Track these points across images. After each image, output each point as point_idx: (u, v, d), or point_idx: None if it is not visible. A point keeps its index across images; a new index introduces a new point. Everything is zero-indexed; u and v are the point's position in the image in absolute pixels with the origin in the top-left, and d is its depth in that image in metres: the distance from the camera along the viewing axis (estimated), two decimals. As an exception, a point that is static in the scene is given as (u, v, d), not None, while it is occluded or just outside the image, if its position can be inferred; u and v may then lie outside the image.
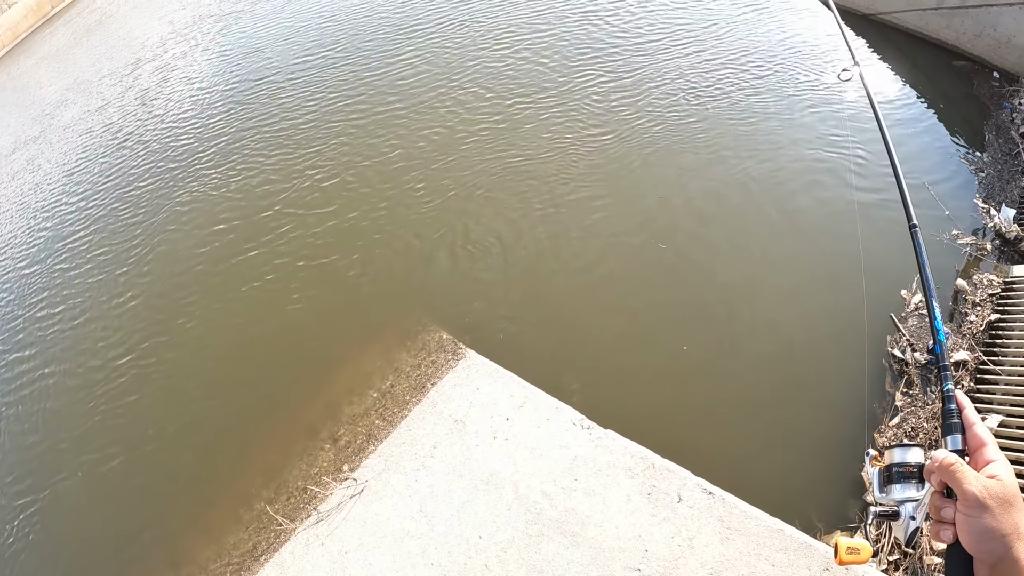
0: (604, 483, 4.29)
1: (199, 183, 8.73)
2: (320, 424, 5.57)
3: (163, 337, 6.83)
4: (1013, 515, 1.03)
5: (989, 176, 6.48)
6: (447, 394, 5.22)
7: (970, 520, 1.05)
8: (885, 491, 1.29)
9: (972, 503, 1.05)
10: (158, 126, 10.45)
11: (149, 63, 12.95)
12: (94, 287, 7.86)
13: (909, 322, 5.31)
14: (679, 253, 6.24)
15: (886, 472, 1.30)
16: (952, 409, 1.26)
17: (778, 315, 5.57)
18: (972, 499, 1.05)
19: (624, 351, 5.64)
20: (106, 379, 6.60)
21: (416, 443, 4.95)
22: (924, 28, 8.42)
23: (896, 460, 1.28)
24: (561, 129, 7.84)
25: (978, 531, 1.04)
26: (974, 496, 1.05)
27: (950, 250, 5.79)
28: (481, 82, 8.92)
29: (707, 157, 7.13)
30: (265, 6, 13.53)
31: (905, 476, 1.26)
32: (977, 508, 1.05)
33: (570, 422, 4.74)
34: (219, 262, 7.47)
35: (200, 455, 5.78)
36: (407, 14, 11.08)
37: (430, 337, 5.89)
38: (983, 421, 1.22)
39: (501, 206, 7.06)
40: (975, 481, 1.07)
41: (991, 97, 7.41)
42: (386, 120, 8.84)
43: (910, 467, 1.26)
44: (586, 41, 9.26)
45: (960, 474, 1.09)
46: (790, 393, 5.08)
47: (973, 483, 1.07)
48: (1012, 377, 4.72)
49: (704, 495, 4.08)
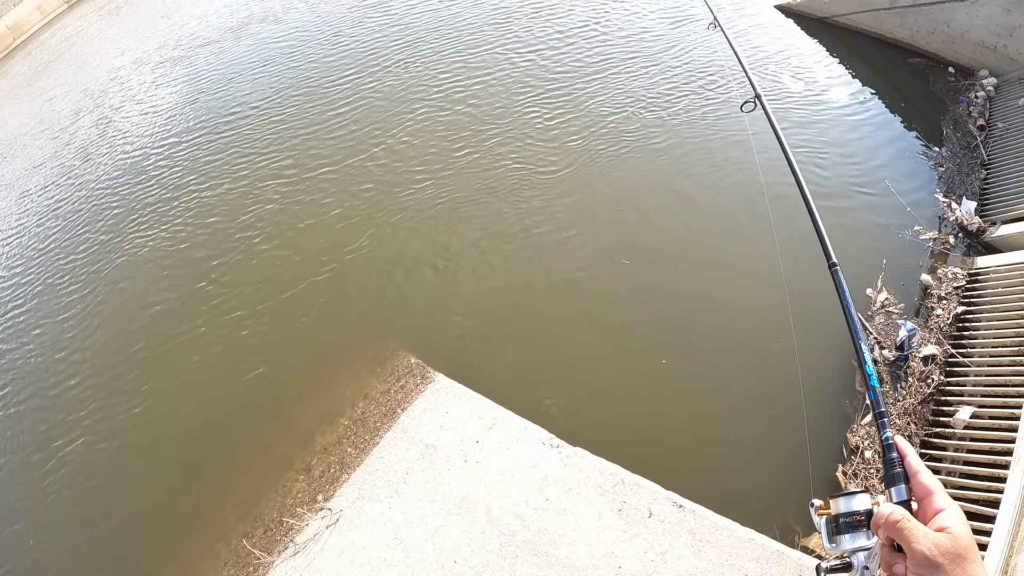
0: (575, 501, 4.25)
1: (135, 248, 8.36)
2: (293, 454, 5.47)
3: (130, 377, 6.69)
4: (967, 568, 0.98)
5: (949, 170, 6.53)
6: (417, 419, 5.16)
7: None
8: (835, 542, 1.22)
9: (922, 562, 1.00)
10: (93, 188, 10.04)
11: (89, 114, 12.70)
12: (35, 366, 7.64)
13: (876, 320, 5.32)
14: (643, 268, 6.25)
15: (833, 523, 1.23)
16: (894, 458, 1.21)
17: (743, 322, 5.57)
18: (922, 558, 1.00)
19: (590, 368, 5.61)
20: (81, 421, 6.44)
21: (388, 470, 4.87)
22: (878, 28, 8.52)
23: (843, 510, 1.22)
24: (514, 158, 7.89)
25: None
26: (923, 555, 1.00)
27: (913, 246, 5.82)
28: (415, 130, 8.86)
29: (656, 169, 7.21)
30: (202, 52, 13.45)
31: (853, 526, 1.19)
32: (928, 568, 0.99)
33: (539, 442, 4.70)
34: (178, 310, 7.34)
35: (176, 491, 5.64)
36: (338, 59, 11.06)
37: (399, 362, 5.82)
38: (958, 414, 1.16)
39: (464, 232, 7.05)
40: (923, 539, 1.01)
41: (947, 92, 7.50)
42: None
43: (858, 515, 1.20)
44: (522, 79, 9.31)
45: (907, 531, 1.04)
46: (759, 398, 5.06)
47: (921, 541, 1.01)
48: (981, 368, 4.73)
49: (675, 509, 4.05)
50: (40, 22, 23.39)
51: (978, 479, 4.10)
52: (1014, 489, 3.85)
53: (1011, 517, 3.73)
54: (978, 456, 4.23)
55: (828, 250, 1.96)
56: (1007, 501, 3.81)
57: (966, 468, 4.21)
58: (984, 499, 3.96)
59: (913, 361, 4.95)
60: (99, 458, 6.03)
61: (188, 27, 15.19)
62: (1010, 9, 7.00)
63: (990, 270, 5.39)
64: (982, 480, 4.07)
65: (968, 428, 4.43)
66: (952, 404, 4.65)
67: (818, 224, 2.09)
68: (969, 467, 4.21)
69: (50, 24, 23.25)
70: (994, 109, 7.07)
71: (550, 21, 10.38)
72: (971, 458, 4.26)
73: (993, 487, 3.96)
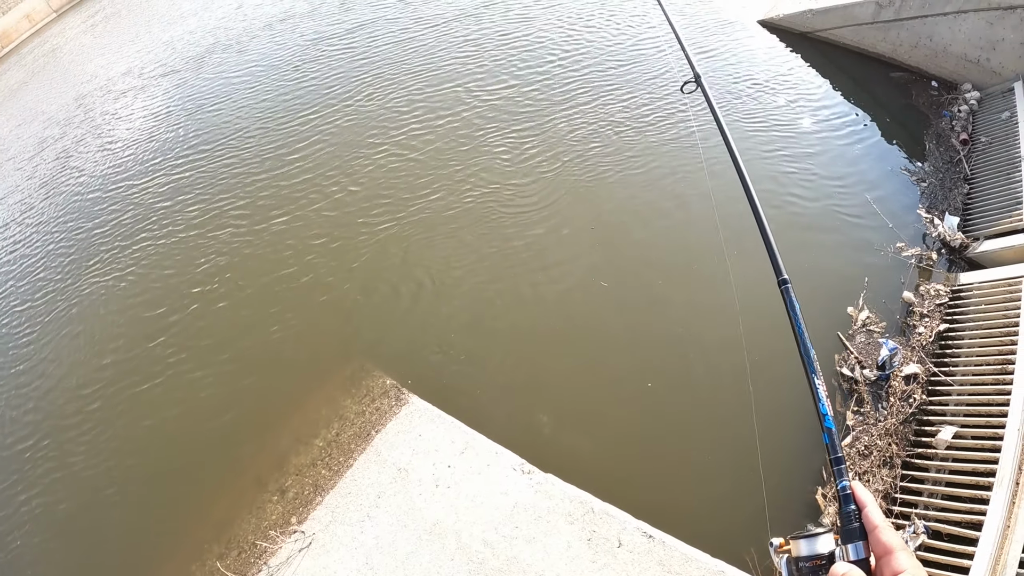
0: (544, 530, 4.16)
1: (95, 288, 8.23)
2: (268, 476, 5.41)
3: (108, 392, 6.60)
4: None
5: (931, 185, 6.48)
6: (391, 441, 5.09)
7: None
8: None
9: None
10: (50, 228, 9.83)
11: (53, 145, 12.58)
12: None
13: (856, 339, 5.24)
14: (622, 291, 6.18)
15: (794, 565, 1.14)
16: (851, 511, 1.12)
17: (718, 345, 5.48)
18: None
19: (564, 391, 5.54)
20: (64, 432, 6.36)
21: (361, 493, 4.81)
22: (861, 43, 8.51)
23: (804, 553, 1.13)
24: (485, 177, 7.86)
25: None
26: None
27: (896, 263, 5.75)
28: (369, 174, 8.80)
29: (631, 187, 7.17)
30: (164, 83, 13.30)
31: (815, 571, 1.10)
32: None
33: (510, 467, 4.63)
34: (159, 317, 7.25)
35: (150, 511, 5.56)
36: (298, 95, 10.80)
37: (374, 383, 5.76)
38: (940, 434, 1.06)
39: (438, 257, 6.99)
40: None
41: (930, 106, 7.46)
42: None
43: (819, 559, 1.11)
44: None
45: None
46: (735, 422, 4.96)
47: None
48: (964, 387, 4.66)
49: (644, 539, 3.96)
50: (29, 31, 23.55)
51: (960, 500, 4.02)
52: (997, 512, 3.77)
53: (993, 540, 3.66)
54: (960, 477, 4.15)
55: (779, 266, 1.87)
56: (989, 524, 3.74)
57: (948, 490, 4.14)
58: (967, 521, 3.89)
59: (895, 380, 4.88)
60: (71, 482, 5.95)
61: (154, 53, 15.19)
62: (993, 23, 6.97)
63: (973, 286, 5.32)
64: (964, 502, 3.99)
65: (951, 448, 4.35)
66: (934, 424, 4.57)
67: (769, 239, 2.00)
68: (951, 488, 4.13)
69: (39, 32, 23.43)
70: (977, 123, 7.03)
71: (515, 50, 10.34)
72: (954, 479, 4.18)
73: (976, 509, 3.89)
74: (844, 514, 1.12)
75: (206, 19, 16.10)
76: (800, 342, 1.56)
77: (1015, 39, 6.85)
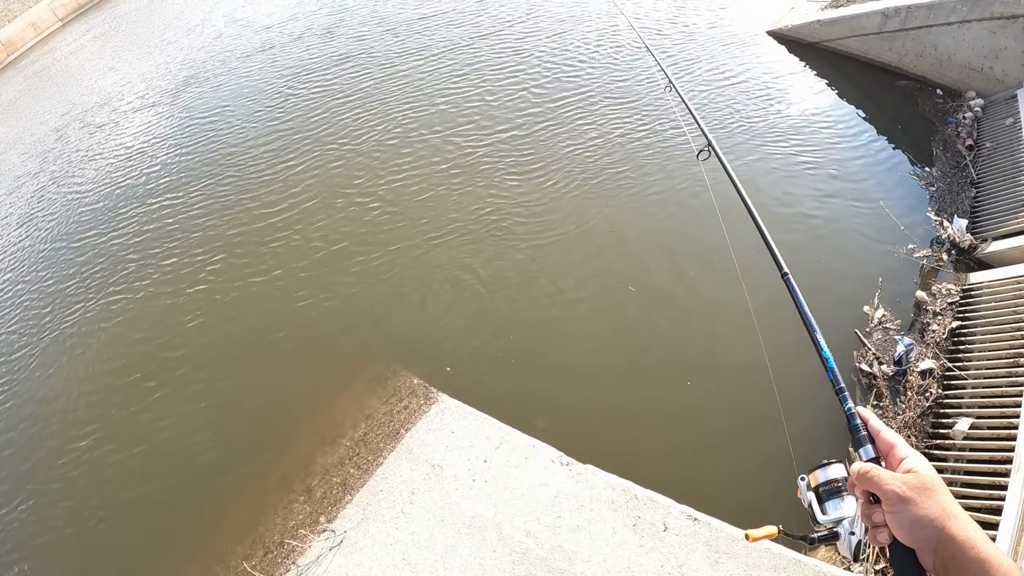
0: (588, 518, 4.23)
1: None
2: (293, 476, 5.40)
3: (135, 391, 6.67)
4: (936, 499, 1.07)
5: (940, 189, 6.65)
6: (422, 439, 5.12)
7: (897, 516, 1.09)
8: (823, 511, 1.35)
9: (893, 500, 1.10)
10: (21, 279, 9.42)
11: (31, 180, 12.22)
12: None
13: (874, 336, 5.39)
14: (645, 289, 6.32)
15: (815, 492, 1.37)
16: (858, 424, 1.31)
17: (747, 339, 5.60)
18: (892, 496, 1.10)
19: (596, 386, 5.64)
20: (90, 434, 6.43)
21: (393, 490, 4.81)
22: (867, 52, 8.69)
23: (821, 480, 1.36)
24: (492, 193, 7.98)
25: (908, 523, 1.08)
26: (894, 493, 1.10)
27: (908, 264, 5.92)
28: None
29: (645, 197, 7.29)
30: (137, 119, 12.96)
31: (833, 492, 1.33)
32: (900, 503, 1.09)
33: (548, 460, 4.67)
34: (184, 325, 7.36)
35: (173, 514, 5.56)
36: (273, 139, 10.31)
37: (401, 383, 5.80)
38: (957, 425, 1.27)
39: (459, 257, 7.12)
40: (892, 480, 1.12)
41: (936, 113, 7.64)
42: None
43: (836, 483, 1.33)
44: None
45: (877, 477, 1.15)
46: (769, 414, 5.07)
47: (891, 482, 1.12)
48: (978, 380, 4.81)
49: (690, 522, 4.04)
50: (34, 39, 23.60)
51: (979, 487, 4.14)
52: (1015, 495, 3.89)
53: (1014, 522, 3.78)
54: (978, 466, 4.28)
55: (779, 261, 2.17)
56: (1009, 507, 3.86)
57: (967, 478, 4.26)
58: (986, 507, 4.01)
59: (911, 375, 5.03)
60: (94, 481, 6.00)
61: (131, 86, 14.92)
62: (995, 32, 7.17)
63: (983, 285, 5.49)
64: (983, 488, 4.12)
65: (967, 439, 4.48)
66: (951, 416, 4.71)
67: (766, 236, 2.29)
68: (970, 476, 4.26)
69: (44, 41, 23.46)
70: (982, 129, 7.22)
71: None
72: (972, 467, 4.30)
73: (995, 495, 4.00)
74: (852, 427, 1.32)
75: (196, 40, 16.17)
76: (803, 315, 1.84)
77: (1017, 47, 7.06)
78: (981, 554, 0.98)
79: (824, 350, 1.65)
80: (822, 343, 1.68)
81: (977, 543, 1.00)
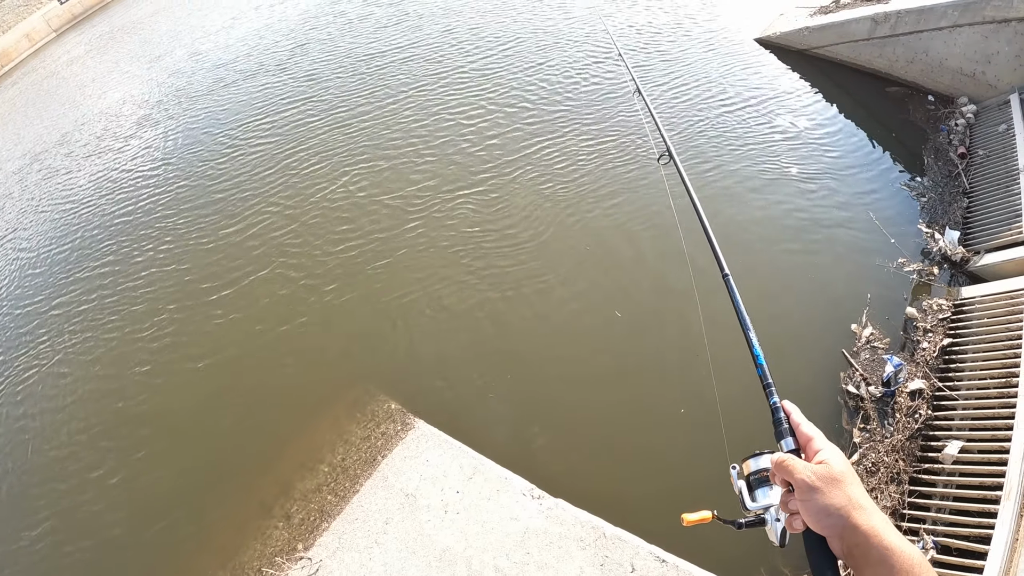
0: (556, 555, 4.14)
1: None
2: (273, 501, 5.37)
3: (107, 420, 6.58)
4: (843, 489, 1.12)
5: (931, 200, 6.51)
6: (397, 467, 5.06)
7: (806, 504, 1.15)
8: (752, 499, 1.39)
9: (803, 488, 1.16)
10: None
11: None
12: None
13: (861, 356, 5.25)
14: (627, 315, 6.18)
15: (746, 480, 1.42)
16: (781, 418, 1.40)
17: (725, 362, 5.48)
18: (802, 484, 1.16)
19: (573, 413, 5.53)
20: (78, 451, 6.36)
21: (369, 519, 4.77)
22: (857, 59, 8.59)
23: (752, 469, 1.41)
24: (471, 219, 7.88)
25: (815, 511, 1.13)
26: (803, 481, 1.16)
27: (898, 278, 5.78)
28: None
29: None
30: (95, 163, 12.48)
31: (762, 481, 1.38)
32: (808, 491, 1.15)
33: (520, 492, 4.60)
34: (159, 347, 7.27)
35: (154, 538, 5.50)
36: (243, 183, 9.84)
37: (379, 407, 5.74)
38: (947, 449, 1.29)
39: (443, 279, 7.02)
40: (803, 469, 1.18)
41: (927, 121, 7.51)
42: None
43: (764, 472, 1.38)
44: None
45: (790, 467, 1.21)
46: (745, 441, 4.95)
47: (802, 471, 1.18)
48: (969, 401, 4.67)
49: (657, 563, 3.94)
50: (28, 50, 23.77)
51: (969, 515, 4.02)
52: (1005, 525, 3.77)
53: (1002, 554, 3.66)
54: (968, 492, 4.14)
55: (721, 263, 2.16)
56: (998, 538, 3.74)
57: (956, 504, 4.14)
58: (975, 535, 3.88)
59: (900, 396, 4.88)
60: (76, 516, 5.92)
61: (94, 126, 14.50)
62: (987, 36, 7.04)
63: (975, 300, 5.34)
64: (973, 516, 3.99)
65: (957, 463, 4.35)
66: (940, 439, 4.57)
67: (711, 238, 2.28)
68: (959, 503, 4.13)
69: (38, 53, 23.64)
70: (974, 136, 7.07)
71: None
72: (961, 494, 4.17)
73: (984, 523, 3.89)
74: (775, 420, 1.41)
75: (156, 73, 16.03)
76: (739, 315, 1.85)
77: (1010, 52, 6.92)
78: (884, 542, 1.04)
79: (755, 347, 1.71)
80: (754, 340, 1.73)
81: (880, 532, 1.05)
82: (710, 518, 1.57)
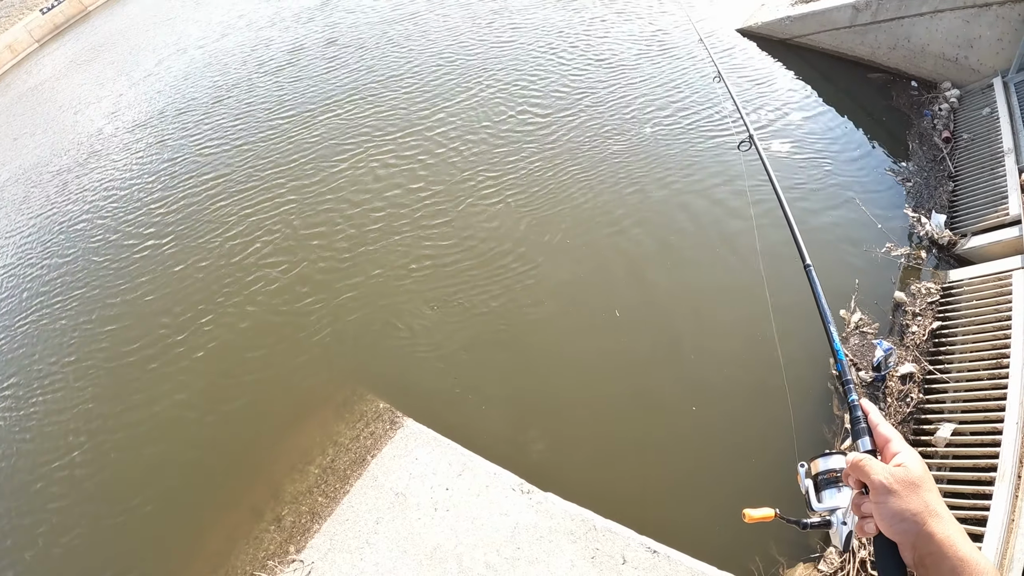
0: (547, 549, 4.11)
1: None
2: (263, 505, 5.33)
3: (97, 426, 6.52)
4: (921, 495, 1.09)
5: (917, 185, 6.49)
6: (387, 466, 5.03)
7: (881, 507, 1.12)
8: (818, 499, 1.36)
9: (879, 490, 1.13)
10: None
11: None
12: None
13: (851, 341, 5.22)
14: (625, 311, 6.15)
15: (814, 480, 1.39)
16: (859, 416, 1.36)
17: (717, 353, 5.45)
18: (879, 486, 1.13)
19: (562, 406, 5.50)
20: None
21: (359, 519, 4.75)
22: (839, 47, 8.59)
23: (821, 469, 1.38)
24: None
25: (889, 515, 1.10)
26: (880, 483, 1.13)
27: (886, 263, 5.75)
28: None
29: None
30: (86, 181, 11.87)
31: (830, 482, 1.35)
32: (884, 494, 1.11)
33: (509, 488, 4.57)
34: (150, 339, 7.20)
35: (146, 544, 5.47)
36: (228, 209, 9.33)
37: (367, 407, 5.70)
38: (939, 432, 1.25)
39: (436, 278, 6.98)
40: (881, 471, 1.14)
41: (911, 107, 7.50)
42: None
43: (834, 472, 1.35)
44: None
45: (867, 467, 1.17)
46: (735, 430, 4.93)
47: (879, 473, 1.14)
48: (960, 383, 4.64)
49: (649, 555, 3.91)
50: (11, 61, 23.67)
51: (964, 497, 3.99)
52: (1000, 505, 3.74)
53: (999, 535, 3.63)
54: (962, 474, 4.12)
55: (803, 253, 2.17)
56: (994, 518, 3.71)
57: (951, 487, 4.10)
58: (971, 517, 3.85)
59: (891, 381, 4.85)
60: (67, 515, 5.87)
61: (78, 153, 13.73)
62: (969, 21, 7.04)
63: (963, 283, 5.33)
64: (968, 498, 3.96)
65: (950, 445, 4.33)
66: (933, 422, 4.55)
67: (793, 228, 2.32)
68: (954, 486, 4.10)
69: (21, 63, 23.53)
70: (958, 120, 7.07)
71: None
72: (956, 476, 4.15)
73: (979, 504, 3.86)
74: (853, 419, 1.38)
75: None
76: (819, 307, 1.89)
77: (991, 36, 6.92)
78: (959, 552, 1.00)
79: (836, 342, 1.72)
80: (834, 333, 1.75)
81: (955, 542, 1.02)
82: (772, 516, 1.56)
